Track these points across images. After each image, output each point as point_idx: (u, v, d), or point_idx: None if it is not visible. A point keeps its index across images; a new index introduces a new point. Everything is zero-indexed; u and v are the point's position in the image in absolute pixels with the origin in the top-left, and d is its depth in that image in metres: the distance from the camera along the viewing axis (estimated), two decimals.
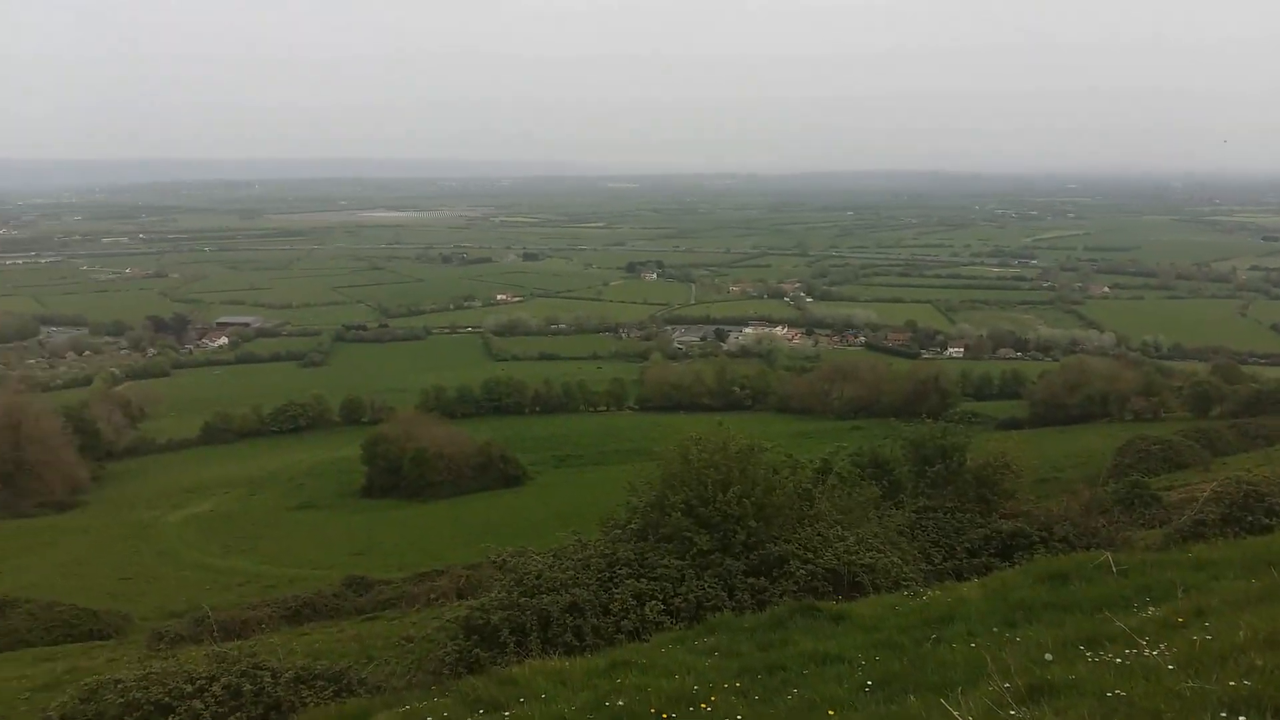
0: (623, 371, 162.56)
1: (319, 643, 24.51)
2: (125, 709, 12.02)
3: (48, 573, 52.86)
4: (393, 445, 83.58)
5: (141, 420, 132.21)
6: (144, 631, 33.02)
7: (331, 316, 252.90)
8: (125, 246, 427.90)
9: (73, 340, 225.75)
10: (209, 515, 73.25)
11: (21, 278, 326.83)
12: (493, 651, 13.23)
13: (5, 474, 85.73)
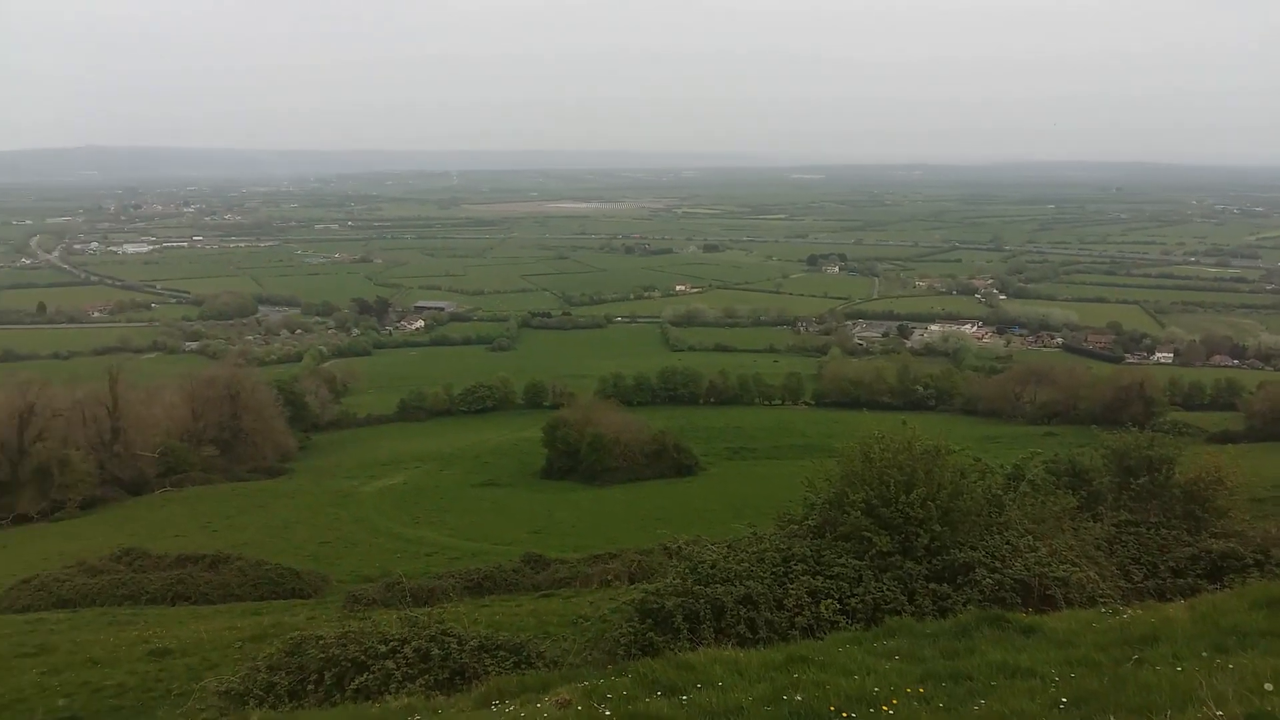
0: (800, 366, 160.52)
1: (499, 615, 25.48)
2: (325, 664, 12.92)
3: (258, 533, 57.21)
4: (572, 429, 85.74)
5: (344, 395, 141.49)
6: (341, 593, 35.27)
7: (519, 303, 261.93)
8: (335, 233, 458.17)
9: (286, 319, 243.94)
10: (401, 487, 77.39)
11: (244, 260, 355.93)
12: (666, 636, 13.35)
13: (224, 441, 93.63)
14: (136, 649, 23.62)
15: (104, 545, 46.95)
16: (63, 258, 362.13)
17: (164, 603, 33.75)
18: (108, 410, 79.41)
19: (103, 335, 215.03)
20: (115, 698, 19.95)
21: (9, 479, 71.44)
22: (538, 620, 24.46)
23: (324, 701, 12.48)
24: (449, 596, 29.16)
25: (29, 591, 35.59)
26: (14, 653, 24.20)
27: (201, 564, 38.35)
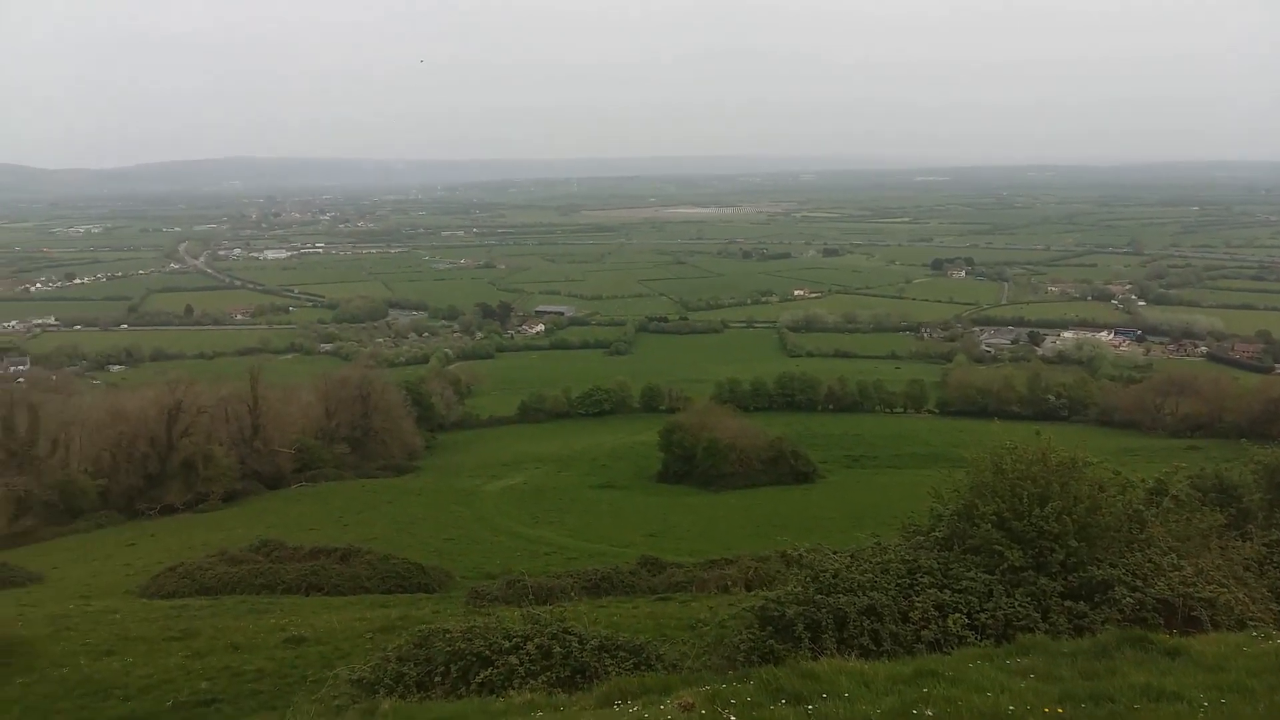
0: (923, 373, 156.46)
1: (616, 616, 25.62)
2: (451, 657, 13.24)
3: (386, 528, 59.10)
4: (688, 434, 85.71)
5: (468, 397, 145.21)
6: (463, 588, 36.11)
7: (636, 308, 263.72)
8: (461, 239, 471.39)
9: (414, 322, 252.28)
10: (521, 487, 78.83)
11: (375, 266, 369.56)
12: (787, 644, 13.17)
13: (356, 439, 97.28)
14: (274, 636, 24.71)
15: (244, 536, 49.34)
16: (208, 263, 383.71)
17: (298, 593, 35.17)
18: (249, 408, 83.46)
19: (244, 337, 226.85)
20: (254, 682, 20.92)
21: (158, 472, 75.86)
22: (655, 623, 24.48)
23: (450, 694, 12.79)
24: (567, 596, 29.51)
25: (174, 578, 37.63)
26: (162, 636, 25.63)
27: (333, 556, 39.82)
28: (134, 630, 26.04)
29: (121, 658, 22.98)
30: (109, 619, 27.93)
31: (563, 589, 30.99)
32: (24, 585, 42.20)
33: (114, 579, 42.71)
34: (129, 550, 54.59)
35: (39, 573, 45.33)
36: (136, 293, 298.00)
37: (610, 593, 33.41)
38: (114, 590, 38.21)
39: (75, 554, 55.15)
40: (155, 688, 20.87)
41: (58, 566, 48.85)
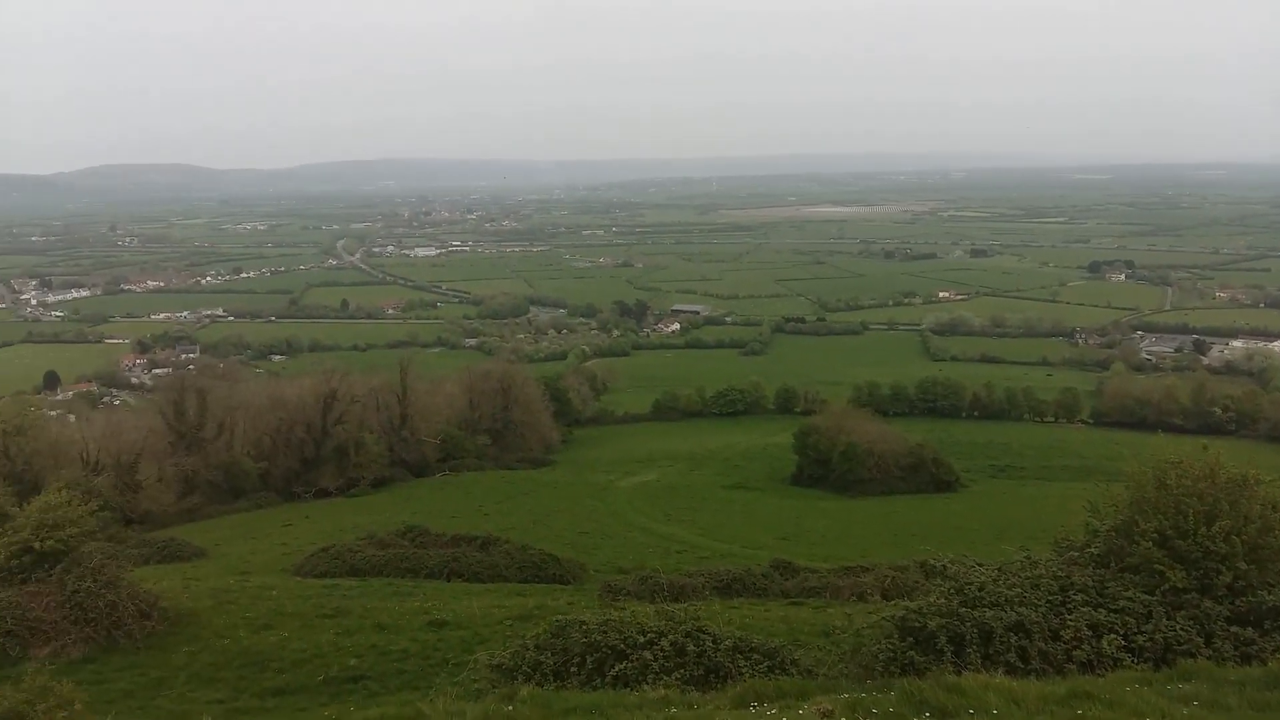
0: (1076, 381, 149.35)
1: (748, 618, 25.43)
2: (587, 649, 13.44)
3: (523, 519, 60.39)
4: (823, 437, 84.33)
5: (603, 393, 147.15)
6: (597, 582, 36.51)
7: (773, 308, 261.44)
8: (600, 238, 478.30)
9: (554, 319, 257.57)
10: (654, 484, 79.26)
11: (518, 263, 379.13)
12: (928, 657, 12.81)
13: (496, 431, 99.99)
14: (417, 619, 25.63)
15: (390, 521, 51.33)
16: (363, 260, 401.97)
17: (440, 578, 36.29)
18: (398, 398, 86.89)
19: (394, 330, 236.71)
20: (399, 662, 21.77)
21: (313, 456, 79.88)
22: (788, 627, 24.20)
23: (586, 684, 12.98)
24: (699, 595, 29.46)
25: (326, 559, 39.43)
26: (315, 613, 26.95)
27: (474, 544, 40.93)
28: (289, 607, 27.47)
29: (278, 632, 24.29)
30: (266, 595, 29.54)
31: (694, 588, 30.97)
32: (190, 560, 45.14)
33: (271, 557, 45.18)
34: (285, 530, 57.66)
35: (203, 548, 48.40)
36: (297, 287, 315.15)
37: (741, 594, 33.18)
38: (271, 568, 40.40)
39: (236, 532, 58.63)
40: (308, 662, 21.99)
41: (220, 543, 52.03)
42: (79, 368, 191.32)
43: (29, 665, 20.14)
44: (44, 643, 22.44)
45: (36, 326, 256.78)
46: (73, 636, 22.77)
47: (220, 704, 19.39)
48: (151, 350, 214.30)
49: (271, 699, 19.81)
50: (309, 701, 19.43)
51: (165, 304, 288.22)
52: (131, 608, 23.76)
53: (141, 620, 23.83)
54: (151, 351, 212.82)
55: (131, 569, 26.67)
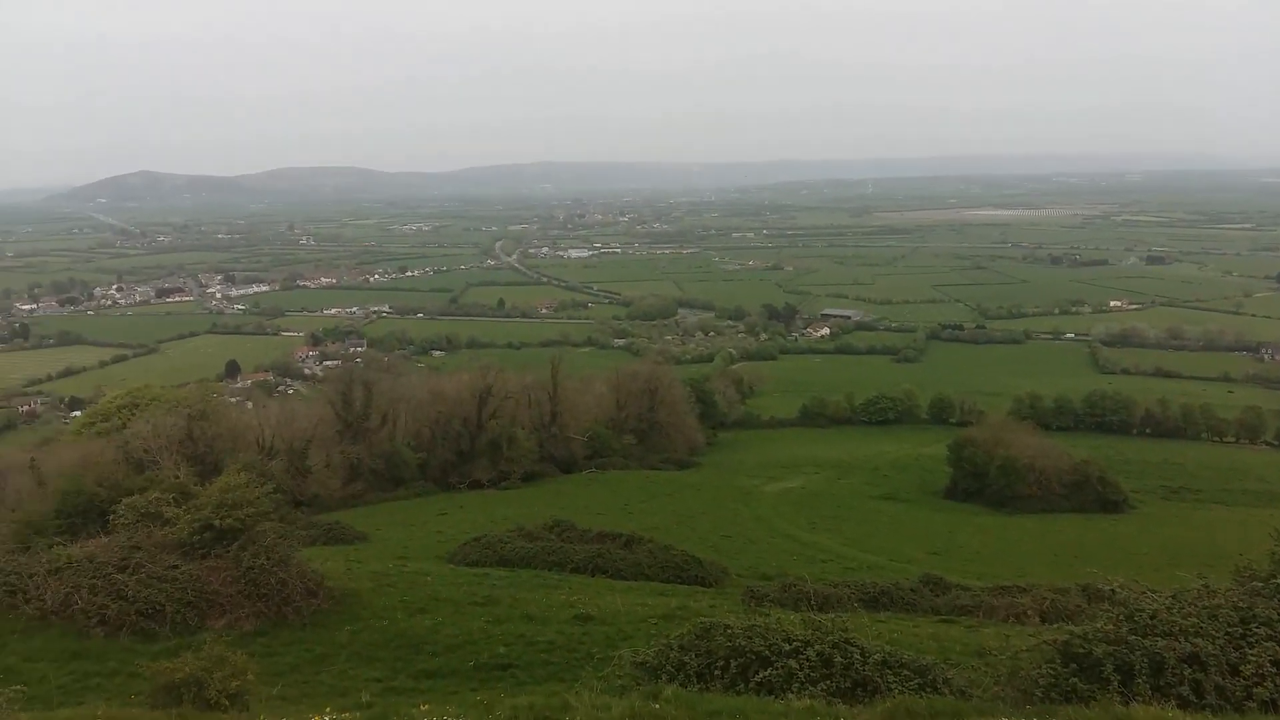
0: (1262, 399, 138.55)
1: (896, 633, 24.74)
2: (732, 652, 13.35)
3: (666, 519, 60.75)
4: (980, 450, 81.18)
5: (749, 397, 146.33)
6: (739, 586, 36.33)
7: (928, 314, 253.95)
8: (750, 241, 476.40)
9: (701, 321, 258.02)
10: (799, 491, 78.21)
11: (668, 265, 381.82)
12: (1092, 685, 12.12)
13: (642, 431, 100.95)
14: (564, 611, 26.12)
15: (539, 515, 52.56)
16: (520, 260, 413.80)
17: (585, 573, 36.91)
18: (549, 396, 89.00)
19: (547, 329, 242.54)
20: (545, 653, 22.24)
21: (469, 449, 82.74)
22: (938, 645, 23.41)
23: (729, 689, 12.91)
24: (845, 606, 28.85)
25: (478, 548, 40.76)
26: (467, 600, 27.86)
27: (618, 542, 41.46)
28: (443, 593, 28.49)
29: (432, 617, 25.22)
30: (422, 580, 30.73)
31: (840, 598, 30.37)
32: (352, 543, 47.56)
33: (427, 544, 47.06)
34: (440, 519, 59.96)
35: (365, 533, 50.91)
36: (457, 286, 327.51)
37: (889, 608, 32.34)
38: (427, 554, 42.07)
39: (395, 518, 61.35)
40: (460, 647, 22.74)
41: (380, 528, 54.57)
42: (257, 358, 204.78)
43: (206, 635, 21.61)
44: (220, 614, 24.03)
45: (220, 319, 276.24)
46: (246, 610, 24.29)
47: (378, 682, 20.27)
48: (323, 343, 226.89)
49: (425, 681, 20.59)
50: (460, 686, 20.09)
51: (336, 299, 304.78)
52: (300, 586, 25.16)
53: (308, 598, 25.20)
54: (323, 344, 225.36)
55: (300, 549, 28.23)
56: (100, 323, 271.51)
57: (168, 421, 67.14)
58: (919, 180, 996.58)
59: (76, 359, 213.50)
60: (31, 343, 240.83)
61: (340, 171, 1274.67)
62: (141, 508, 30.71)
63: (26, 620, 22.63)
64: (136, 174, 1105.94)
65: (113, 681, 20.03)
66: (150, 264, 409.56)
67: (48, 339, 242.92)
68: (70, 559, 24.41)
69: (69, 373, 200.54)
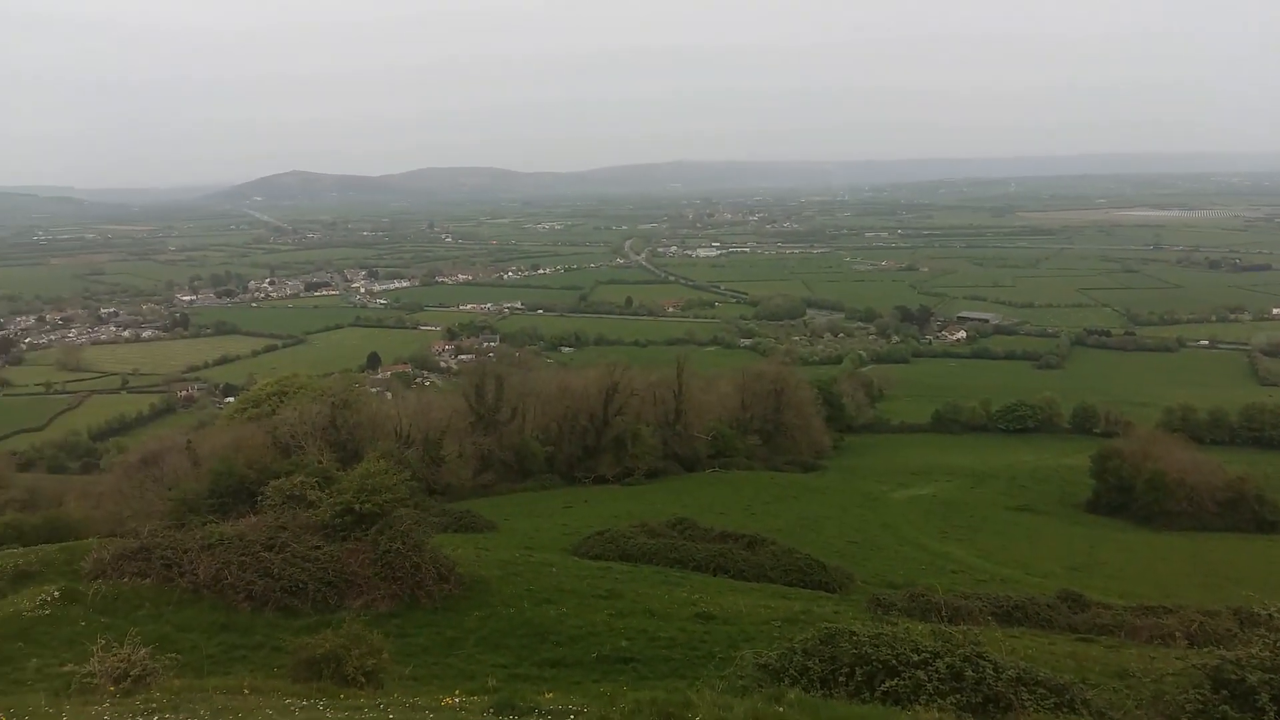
0: None
1: (1031, 649, 23.84)
2: (857, 660, 13.10)
3: (790, 522, 60.06)
4: (1126, 462, 77.16)
5: (878, 401, 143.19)
6: (864, 593, 35.65)
7: (1073, 319, 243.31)
8: (884, 241, 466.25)
9: (830, 322, 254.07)
10: (930, 499, 76.04)
11: (797, 266, 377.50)
12: (1244, 714, 11.38)
13: (767, 432, 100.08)
14: (685, 609, 26.22)
15: (661, 512, 52.88)
16: (648, 259, 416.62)
17: (707, 572, 36.95)
18: (673, 394, 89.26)
19: (673, 328, 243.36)
20: (667, 649, 22.37)
21: (594, 445, 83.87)
22: (1075, 664, 22.40)
23: (854, 696, 12.68)
24: (976, 619, 27.94)
25: (601, 542, 41.36)
26: (590, 592, 28.29)
27: (740, 542, 41.33)
28: (567, 584, 29.02)
29: (557, 607, 25.73)
30: (547, 571, 31.38)
31: (971, 611, 29.40)
32: (482, 531, 48.94)
33: (553, 536, 47.99)
34: (566, 512, 61.03)
35: (493, 522, 52.30)
36: (587, 284, 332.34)
37: (1023, 623, 31.14)
38: (552, 546, 42.91)
39: (523, 509, 62.79)
40: (583, 638, 23.12)
41: (508, 518, 55.95)
42: (396, 350, 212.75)
43: (344, 614, 22.63)
44: (357, 595, 25.10)
45: (363, 312, 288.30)
46: (381, 592, 25.31)
47: (504, 669, 20.81)
48: (458, 338, 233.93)
49: (549, 669, 21.02)
50: (583, 676, 20.41)
51: (472, 296, 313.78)
52: (432, 571, 26.07)
53: (440, 583, 26.08)
54: (458, 339, 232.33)
55: (433, 535, 29.22)
56: (253, 314, 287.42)
57: (313, 409, 70.62)
58: (1066, 179, 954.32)
59: (231, 348, 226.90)
60: (191, 332, 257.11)
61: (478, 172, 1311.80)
62: (287, 490, 32.46)
63: (180, 593, 24.16)
64: (290, 174, 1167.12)
65: (257, 654, 21.19)
66: (300, 259, 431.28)
67: (205, 328, 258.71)
68: (222, 536, 25.96)
69: (224, 361, 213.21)
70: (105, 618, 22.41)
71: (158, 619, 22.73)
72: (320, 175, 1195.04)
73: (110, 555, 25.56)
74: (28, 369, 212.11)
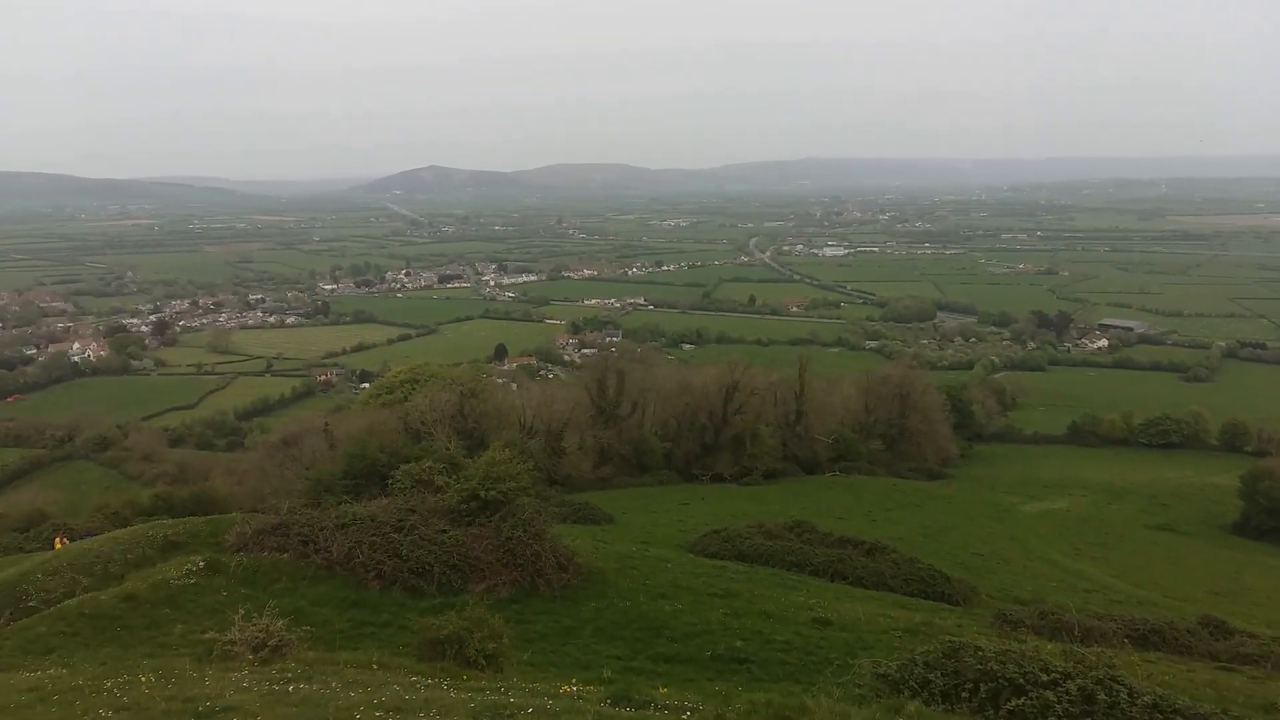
0: None
1: (1168, 676, 22.64)
2: (982, 676, 12.68)
3: (911, 530, 58.59)
4: (1278, 484, 72.32)
5: (1010, 409, 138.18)
6: (989, 608, 34.52)
7: (1226, 329, 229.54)
8: (1022, 243, 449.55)
9: (962, 326, 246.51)
10: (1062, 514, 72.95)
11: (928, 267, 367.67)
12: None
13: (890, 437, 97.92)
14: (802, 613, 25.94)
15: (778, 513, 52.38)
16: (773, 258, 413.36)
17: (824, 577, 36.45)
18: (795, 395, 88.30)
19: (796, 328, 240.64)
20: (782, 651, 22.19)
21: (712, 443, 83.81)
22: (1216, 694, 21.19)
23: (976, 713, 12.30)
24: (1110, 642, 26.69)
25: (717, 541, 41.32)
26: (705, 590, 28.31)
27: (860, 549, 40.60)
28: (683, 581, 29.11)
29: (672, 603, 25.86)
30: (663, 566, 31.54)
31: (1104, 632, 28.12)
32: (599, 524, 49.59)
33: (668, 531, 48.21)
34: (682, 508, 61.20)
35: (611, 515, 52.91)
36: (710, 281, 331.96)
37: (1160, 648, 29.62)
38: (667, 541, 43.11)
39: (639, 504, 63.25)
40: (698, 636, 23.17)
41: (625, 512, 56.46)
42: (523, 343, 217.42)
43: (467, 597, 23.30)
44: (480, 579, 25.81)
45: (492, 305, 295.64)
46: (503, 578, 25.96)
47: (618, 660, 21.05)
48: (582, 332, 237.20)
49: (663, 665, 21.14)
50: (696, 674, 20.46)
51: (596, 291, 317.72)
52: (552, 560, 26.59)
53: (559, 572, 26.58)
54: (582, 333, 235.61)
55: (553, 525, 29.79)
56: (389, 304, 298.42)
57: (442, 397, 72.90)
58: (1220, 181, 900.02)
59: (368, 336, 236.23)
60: (331, 319, 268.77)
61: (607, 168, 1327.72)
62: (416, 475, 33.64)
63: (315, 568, 25.34)
64: (427, 168, 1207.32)
65: (384, 631, 22.05)
66: (434, 252, 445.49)
67: (344, 316, 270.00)
68: (354, 516, 27.11)
69: (360, 348, 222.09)
70: (245, 589, 23.71)
71: (293, 593, 23.89)
72: (455, 170, 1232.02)
73: (252, 530, 27.03)
74: (181, 350, 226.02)
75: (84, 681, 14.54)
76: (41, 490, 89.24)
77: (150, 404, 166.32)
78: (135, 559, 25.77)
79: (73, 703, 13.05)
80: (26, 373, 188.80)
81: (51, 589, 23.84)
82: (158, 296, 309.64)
